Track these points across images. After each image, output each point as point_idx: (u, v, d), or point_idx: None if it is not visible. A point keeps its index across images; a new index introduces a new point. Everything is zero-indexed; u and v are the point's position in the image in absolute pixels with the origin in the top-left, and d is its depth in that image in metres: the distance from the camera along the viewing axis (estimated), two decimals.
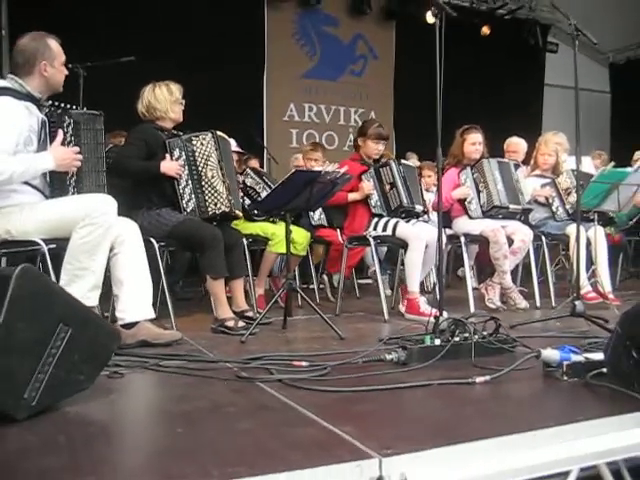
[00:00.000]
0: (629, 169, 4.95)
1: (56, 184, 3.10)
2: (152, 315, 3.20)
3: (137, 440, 1.82)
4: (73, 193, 3.12)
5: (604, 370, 2.29)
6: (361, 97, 9.57)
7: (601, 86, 11.34)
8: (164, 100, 3.83)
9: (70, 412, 1.99)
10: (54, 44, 3.11)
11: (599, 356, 2.39)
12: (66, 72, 3.19)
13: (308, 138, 8.85)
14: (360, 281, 5.79)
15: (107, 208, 2.96)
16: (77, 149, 3.10)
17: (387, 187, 4.30)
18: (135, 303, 3.14)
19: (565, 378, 2.35)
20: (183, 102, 3.91)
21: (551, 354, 2.43)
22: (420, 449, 1.60)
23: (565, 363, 2.37)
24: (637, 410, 1.93)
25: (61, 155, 3.03)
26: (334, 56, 9.39)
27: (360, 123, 5.17)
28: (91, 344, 2.10)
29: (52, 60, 3.08)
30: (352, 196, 4.36)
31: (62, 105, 3.18)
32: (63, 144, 3.08)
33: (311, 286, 5.36)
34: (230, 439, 1.74)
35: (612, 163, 4.76)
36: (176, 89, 3.87)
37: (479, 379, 2.32)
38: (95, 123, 3.22)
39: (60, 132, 3.08)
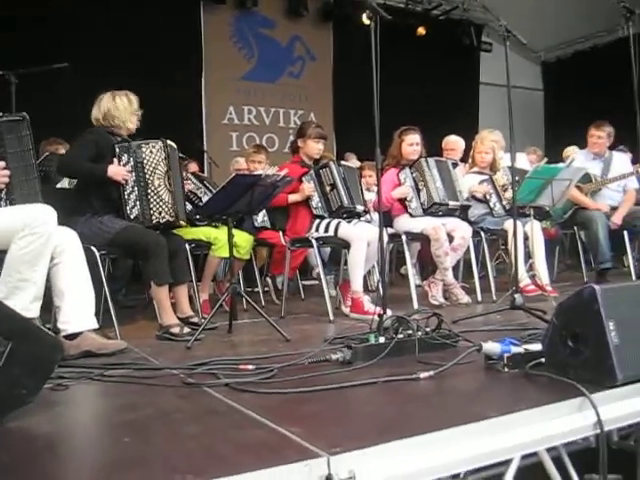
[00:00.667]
0: (561, 165, 5.10)
1: None
2: (95, 325, 3.15)
3: (83, 453, 1.79)
4: (5, 205, 3.04)
5: (542, 360, 2.37)
6: (300, 99, 9.61)
7: (534, 84, 11.65)
8: (124, 110, 3.80)
9: (13, 428, 1.94)
10: None
11: (538, 347, 2.46)
12: None
13: (248, 141, 8.86)
14: (305, 282, 5.81)
15: (47, 217, 2.89)
16: (3, 164, 2.99)
17: (328, 188, 4.33)
18: (77, 313, 3.08)
19: (506, 370, 2.42)
20: (139, 113, 3.89)
21: (492, 347, 2.49)
22: (367, 446, 1.63)
23: (505, 355, 2.44)
24: (574, 397, 2.00)
25: None
26: (272, 58, 9.42)
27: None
28: (33, 357, 2.05)
29: None
30: (292, 197, 4.37)
31: None
32: None
33: (256, 289, 5.35)
34: (178, 445, 1.74)
35: (545, 159, 4.90)
36: (135, 99, 3.87)
37: (423, 375, 2.36)
38: (20, 129, 3.06)
39: None
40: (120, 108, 3.81)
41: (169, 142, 3.84)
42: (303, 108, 9.61)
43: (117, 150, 3.74)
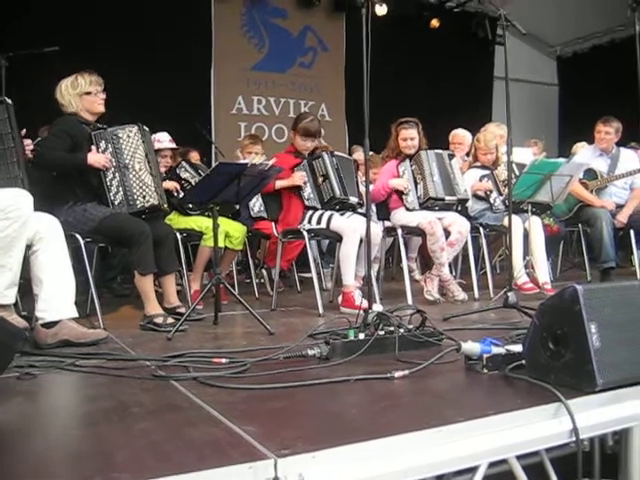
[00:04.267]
0: (561, 160, 4.98)
1: None
2: (75, 314, 3.09)
3: (30, 445, 1.72)
4: None
5: (523, 362, 2.28)
6: (311, 89, 9.52)
7: (549, 79, 11.48)
8: (67, 95, 3.70)
9: None
10: None
11: (520, 348, 2.37)
12: None
13: (257, 131, 8.77)
14: (305, 274, 5.73)
15: (21, 202, 2.84)
16: None
17: (320, 179, 4.25)
18: (56, 302, 3.03)
19: (485, 371, 2.33)
20: (98, 91, 3.73)
21: (471, 347, 2.39)
22: (320, 448, 1.55)
23: (485, 356, 2.35)
24: (550, 402, 1.91)
25: None
26: (283, 48, 9.33)
27: None
28: None
29: None
30: (279, 183, 4.28)
31: None
32: None
33: (254, 280, 5.29)
34: (125, 441, 1.67)
35: (544, 154, 4.78)
36: (84, 81, 3.70)
37: (398, 374, 2.28)
38: None
39: None
40: (64, 94, 3.71)
41: (144, 126, 3.77)
42: (314, 99, 9.52)
43: (94, 138, 3.67)
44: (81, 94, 3.70)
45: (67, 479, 1.44)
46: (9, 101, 3.09)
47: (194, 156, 5.80)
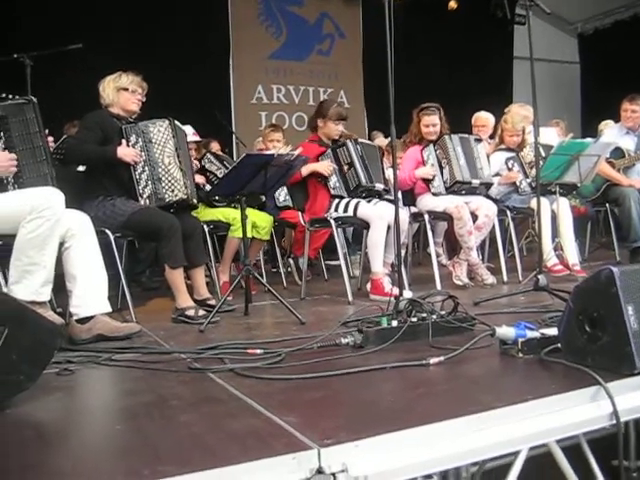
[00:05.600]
0: (588, 140, 4.92)
1: None
2: (108, 309, 3.12)
3: (73, 440, 1.75)
4: (14, 188, 3.03)
5: (559, 346, 2.26)
6: (330, 77, 9.50)
7: (570, 57, 11.33)
8: (108, 87, 3.77)
9: (9, 414, 1.92)
10: None
11: (555, 331, 2.36)
12: None
13: (277, 120, 8.78)
14: (331, 262, 5.73)
15: (53, 201, 2.88)
16: (13, 155, 3.01)
17: (345, 167, 4.24)
18: (89, 297, 3.06)
19: (520, 355, 2.32)
20: (137, 91, 3.79)
21: (506, 331, 2.39)
22: (361, 438, 1.56)
23: (520, 340, 2.34)
24: (588, 386, 1.90)
25: None
26: (300, 36, 9.31)
27: None
28: (30, 343, 2.03)
29: None
30: (305, 171, 4.26)
31: None
32: None
33: (281, 270, 5.31)
34: (168, 434, 1.69)
35: (571, 134, 4.73)
36: (126, 78, 3.77)
37: (433, 360, 2.28)
38: (26, 112, 3.08)
39: None
40: (105, 86, 3.77)
41: (175, 121, 3.79)
42: (333, 86, 9.50)
43: (125, 131, 3.70)
44: (119, 89, 3.77)
45: (114, 473, 1.46)
46: (35, 100, 3.12)
47: (215, 146, 5.80)
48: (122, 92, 3.76)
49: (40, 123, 3.12)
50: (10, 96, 3.08)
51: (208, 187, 4.63)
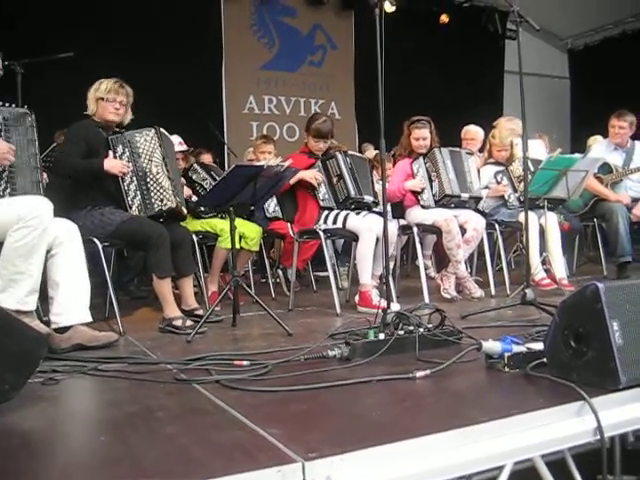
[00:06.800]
0: (577, 155, 4.96)
1: None
2: (89, 319, 3.12)
3: (57, 451, 1.74)
4: (5, 189, 3.04)
5: (545, 360, 2.27)
6: (321, 88, 9.52)
7: (560, 72, 11.41)
8: (90, 96, 3.76)
9: None
10: None
11: (541, 346, 2.37)
12: None
13: (269, 130, 8.79)
14: (320, 274, 5.73)
15: (41, 210, 2.88)
16: (12, 146, 3.05)
17: (335, 179, 4.26)
18: (71, 305, 3.06)
19: (506, 370, 2.33)
20: (115, 100, 3.75)
21: (492, 346, 2.39)
22: (346, 451, 1.56)
23: (506, 354, 2.34)
24: (574, 400, 1.90)
25: None
26: (293, 47, 9.33)
27: None
28: (15, 352, 2.03)
29: None
30: (293, 179, 4.23)
31: None
32: None
33: (269, 281, 5.30)
34: (152, 446, 1.68)
35: (559, 149, 4.76)
36: (103, 86, 3.75)
37: (419, 373, 2.28)
38: (25, 120, 3.18)
39: None
40: (89, 94, 3.77)
41: (162, 130, 3.78)
42: (324, 97, 9.52)
43: (111, 142, 3.70)
44: (97, 98, 3.75)
45: None
46: (33, 113, 3.22)
47: (207, 158, 5.81)
48: (100, 102, 3.75)
49: (35, 133, 3.21)
50: (13, 105, 3.18)
51: (194, 198, 4.62)
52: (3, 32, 5.02)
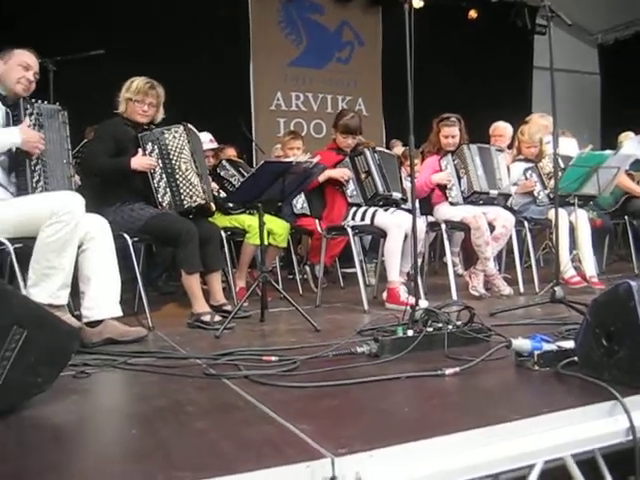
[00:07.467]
0: (608, 152, 4.89)
1: (21, 178, 3.07)
2: (119, 313, 3.16)
3: (89, 444, 1.77)
4: (38, 182, 3.08)
5: (575, 359, 2.25)
6: (348, 84, 9.50)
7: (591, 68, 11.27)
8: (122, 94, 3.79)
9: (27, 416, 1.94)
10: (18, 49, 3.15)
11: (572, 344, 2.34)
12: (27, 74, 3.16)
13: (296, 127, 8.77)
14: (347, 270, 5.72)
15: (73, 205, 2.92)
16: (42, 135, 3.11)
17: (363, 176, 4.25)
18: (102, 300, 3.10)
19: (536, 368, 2.31)
20: (144, 101, 3.77)
21: (522, 343, 2.37)
22: (376, 447, 1.56)
23: (536, 353, 2.32)
24: (605, 400, 1.88)
25: (28, 134, 3.03)
26: (320, 44, 9.32)
27: None
28: (48, 345, 2.05)
29: (7, 59, 3.13)
30: (321, 177, 4.24)
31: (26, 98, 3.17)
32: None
33: (297, 277, 5.31)
34: (183, 440, 1.70)
35: (590, 146, 4.70)
36: (133, 87, 3.76)
37: (449, 371, 2.28)
38: (58, 117, 3.25)
39: (26, 119, 3.08)
40: (121, 92, 3.79)
41: (189, 126, 3.80)
42: (351, 94, 9.50)
43: (141, 140, 3.73)
44: (127, 98, 3.78)
45: (130, 477, 1.47)
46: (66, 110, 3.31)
47: (230, 152, 5.80)
48: (129, 102, 3.78)
49: (68, 130, 3.29)
50: (46, 102, 3.24)
51: (222, 194, 4.64)
52: (36, 31, 5.08)
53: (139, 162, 3.66)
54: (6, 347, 1.91)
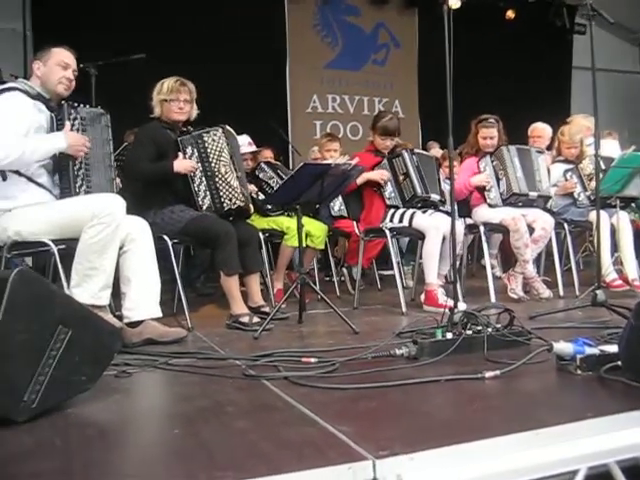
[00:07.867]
0: None
1: (64, 180, 3.14)
2: (159, 314, 3.19)
3: (132, 442, 1.80)
4: (81, 186, 3.14)
5: (619, 363, 2.21)
6: (385, 86, 9.50)
7: (631, 66, 11.07)
8: (154, 98, 3.83)
9: (71, 414, 1.98)
10: (55, 48, 3.17)
11: (615, 348, 2.30)
12: (66, 74, 3.19)
13: (332, 129, 8.79)
14: (384, 272, 5.71)
15: (114, 207, 2.97)
16: (87, 138, 3.17)
17: (401, 177, 4.24)
18: (143, 301, 3.14)
19: (579, 372, 2.27)
20: (178, 99, 3.79)
21: (564, 347, 2.34)
22: (417, 450, 1.55)
23: (579, 356, 2.29)
24: None
25: (73, 138, 3.09)
26: (356, 46, 9.33)
27: None
28: (92, 345, 2.08)
29: (46, 60, 3.16)
30: (360, 180, 4.25)
31: (70, 103, 3.23)
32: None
33: (332, 279, 5.32)
34: (224, 440, 1.71)
35: (633, 147, 4.61)
36: (165, 87, 3.79)
37: (489, 374, 2.25)
38: (101, 120, 3.31)
39: (67, 123, 3.14)
40: (153, 96, 3.83)
41: (228, 128, 3.83)
42: (388, 96, 9.49)
43: (181, 144, 3.77)
44: (160, 100, 3.81)
45: (173, 476, 1.49)
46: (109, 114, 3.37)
47: (267, 154, 5.83)
48: (164, 103, 3.80)
49: (110, 133, 3.35)
50: (88, 106, 3.30)
51: (261, 196, 4.67)
52: (78, 36, 5.17)
53: (181, 165, 3.70)
54: (52, 346, 1.94)
